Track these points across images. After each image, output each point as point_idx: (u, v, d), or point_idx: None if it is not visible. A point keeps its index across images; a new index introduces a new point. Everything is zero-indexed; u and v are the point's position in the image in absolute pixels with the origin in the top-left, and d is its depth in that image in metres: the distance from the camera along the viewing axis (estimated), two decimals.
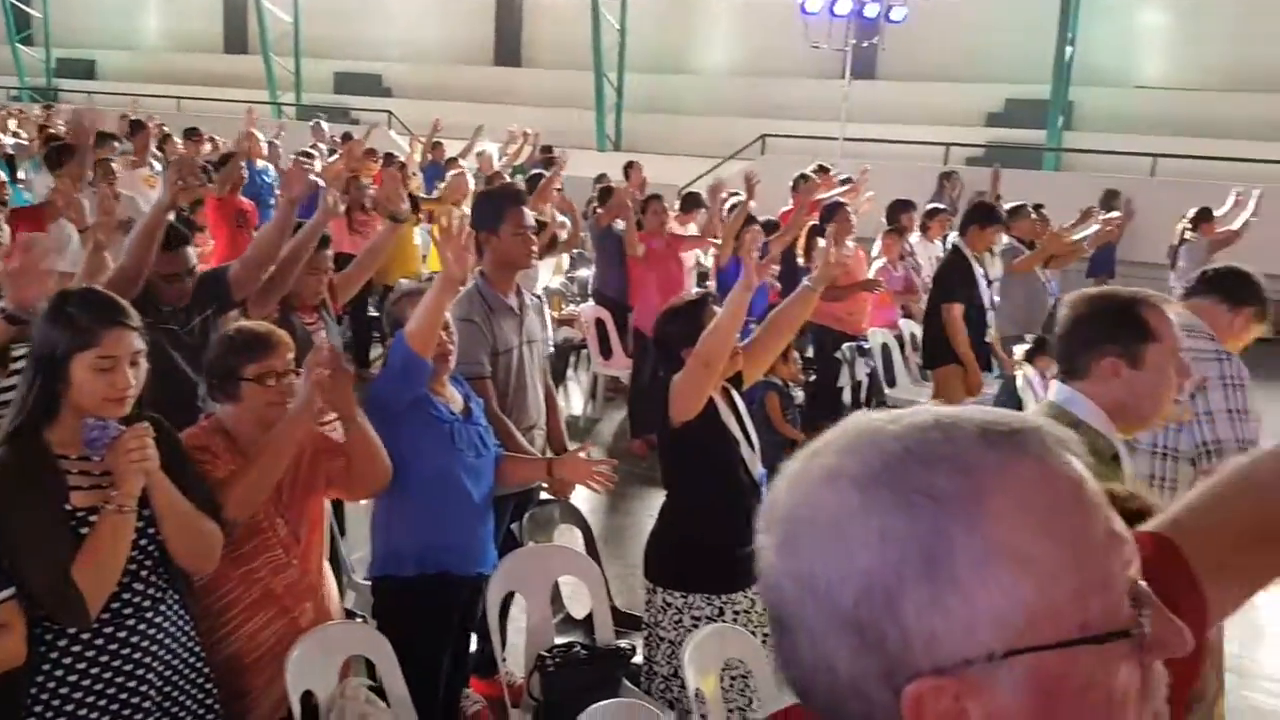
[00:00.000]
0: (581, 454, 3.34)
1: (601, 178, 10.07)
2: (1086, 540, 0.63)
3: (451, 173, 8.92)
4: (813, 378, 7.30)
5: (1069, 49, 14.49)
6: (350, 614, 3.18)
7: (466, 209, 6.15)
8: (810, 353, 7.61)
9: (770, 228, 7.26)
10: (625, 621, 3.77)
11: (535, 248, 3.76)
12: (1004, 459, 0.64)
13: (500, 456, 3.27)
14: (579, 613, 3.68)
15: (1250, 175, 10.70)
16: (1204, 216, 8.24)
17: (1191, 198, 8.97)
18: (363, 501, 3.41)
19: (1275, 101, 14.24)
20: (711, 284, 7.24)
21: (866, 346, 7.27)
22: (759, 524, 0.69)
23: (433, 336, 2.94)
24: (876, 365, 7.32)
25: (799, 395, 6.62)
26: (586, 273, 8.90)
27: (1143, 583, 0.65)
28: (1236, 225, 8.07)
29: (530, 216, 3.70)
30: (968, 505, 0.62)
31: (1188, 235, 8.18)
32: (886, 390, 7.37)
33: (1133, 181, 12.81)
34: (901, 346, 7.66)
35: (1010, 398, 6.79)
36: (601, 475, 3.23)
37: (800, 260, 7.02)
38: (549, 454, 3.77)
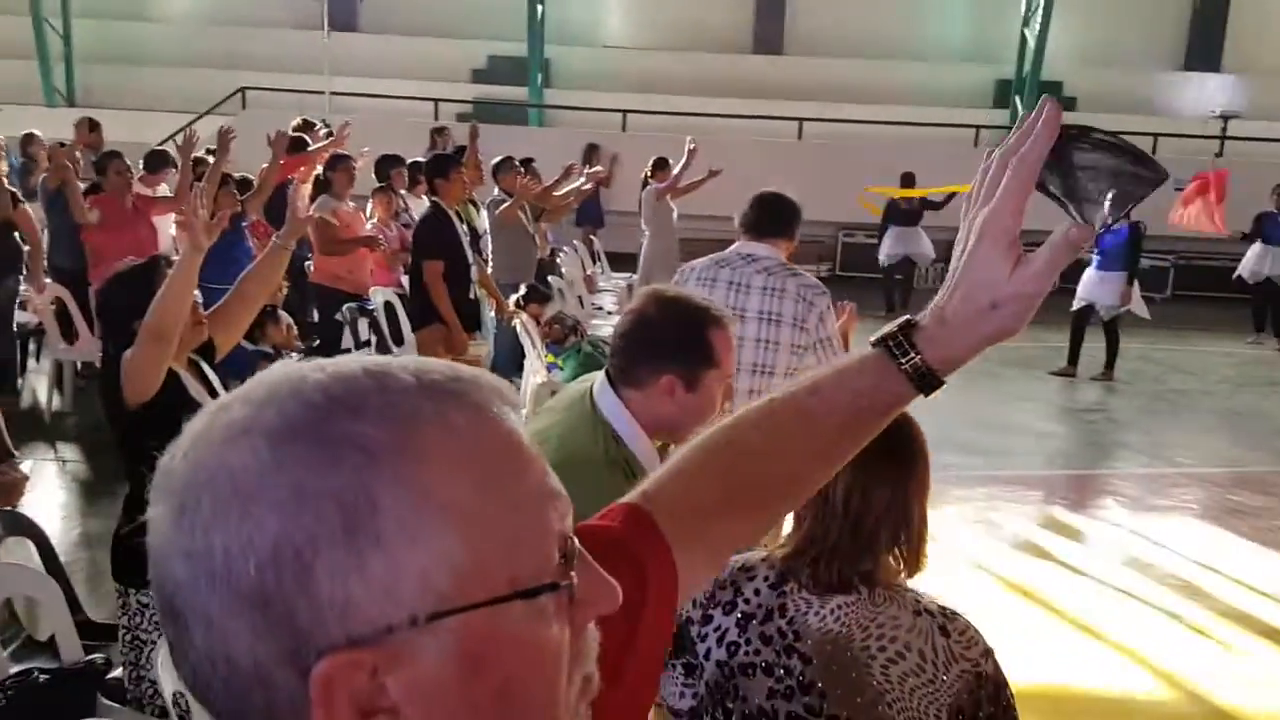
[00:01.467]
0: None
1: (30, 137, 8.77)
2: (520, 494, 0.60)
3: None
4: (316, 342, 7.04)
5: (540, 7, 15.20)
6: None
7: None
8: (315, 316, 7.33)
9: (248, 186, 6.82)
10: (103, 633, 3.36)
11: None
12: (440, 408, 0.58)
13: None
14: (44, 634, 3.21)
15: (705, 128, 12.02)
16: (659, 166, 9.09)
17: (660, 150, 9.85)
18: None
19: (722, 60, 16.11)
20: None
21: (370, 306, 7.14)
22: (151, 494, 0.59)
23: None
24: (381, 325, 7.22)
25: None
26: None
27: (575, 539, 0.62)
28: (676, 170, 9.00)
29: None
30: (399, 457, 0.56)
31: (650, 183, 8.99)
32: (394, 350, 7.30)
33: (608, 136, 13.83)
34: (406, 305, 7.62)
35: (512, 344, 7.07)
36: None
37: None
38: None
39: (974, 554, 5.22)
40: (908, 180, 11.52)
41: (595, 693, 0.63)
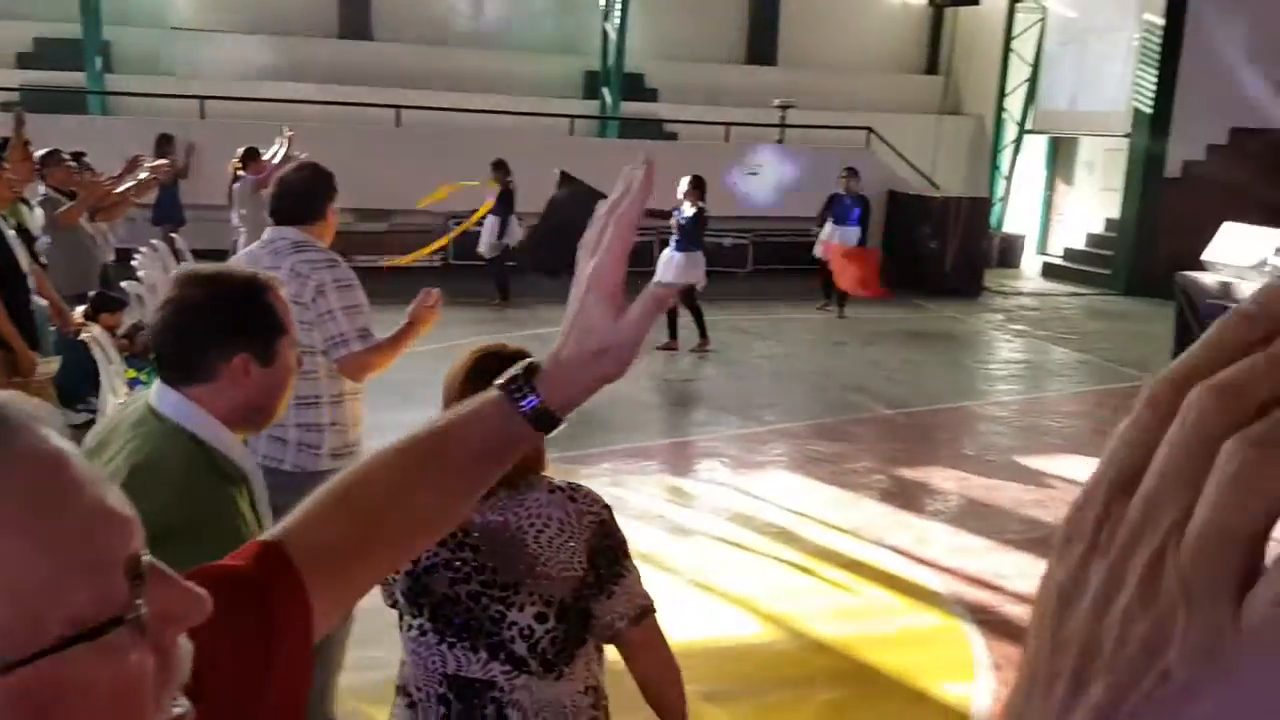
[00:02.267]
0: None
1: None
2: (65, 527, 0.54)
3: None
4: None
5: None
6: None
7: None
8: None
9: None
10: None
11: None
12: None
13: None
14: None
15: (297, 114, 11.40)
16: (251, 156, 8.53)
17: (246, 139, 9.17)
18: None
19: (308, 44, 15.36)
20: None
21: None
22: None
23: None
24: None
25: None
26: None
27: (147, 556, 0.57)
28: (275, 160, 8.51)
29: None
30: None
31: (240, 174, 8.39)
32: None
33: (185, 124, 12.75)
34: None
35: (78, 360, 6.26)
36: None
37: None
38: None
39: None
40: (499, 166, 11.64)
41: None
